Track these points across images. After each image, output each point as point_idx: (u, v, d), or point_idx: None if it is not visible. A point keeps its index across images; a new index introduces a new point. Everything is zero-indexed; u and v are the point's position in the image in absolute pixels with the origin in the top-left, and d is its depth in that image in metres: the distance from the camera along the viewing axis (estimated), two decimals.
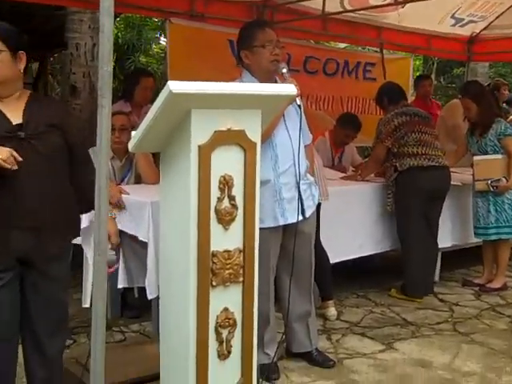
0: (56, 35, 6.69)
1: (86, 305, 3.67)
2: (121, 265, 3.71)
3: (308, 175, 3.31)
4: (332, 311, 4.25)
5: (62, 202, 2.43)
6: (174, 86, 2.16)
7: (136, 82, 4.96)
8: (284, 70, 3.06)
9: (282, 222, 3.17)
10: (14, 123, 2.36)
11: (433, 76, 12.02)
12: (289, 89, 2.54)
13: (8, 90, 2.38)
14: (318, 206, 3.61)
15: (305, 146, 3.31)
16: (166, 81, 5.77)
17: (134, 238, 3.62)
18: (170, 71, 5.44)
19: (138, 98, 4.97)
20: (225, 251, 2.42)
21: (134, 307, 4.08)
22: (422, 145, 4.66)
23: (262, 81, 3.11)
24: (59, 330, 2.53)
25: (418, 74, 10.44)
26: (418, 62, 10.98)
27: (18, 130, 2.35)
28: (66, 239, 2.53)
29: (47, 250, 2.39)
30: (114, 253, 2.57)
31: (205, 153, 2.31)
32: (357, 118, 5.53)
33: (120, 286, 3.73)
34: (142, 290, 3.69)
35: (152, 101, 5.05)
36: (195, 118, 2.27)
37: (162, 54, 9.93)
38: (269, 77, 3.12)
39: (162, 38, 10.57)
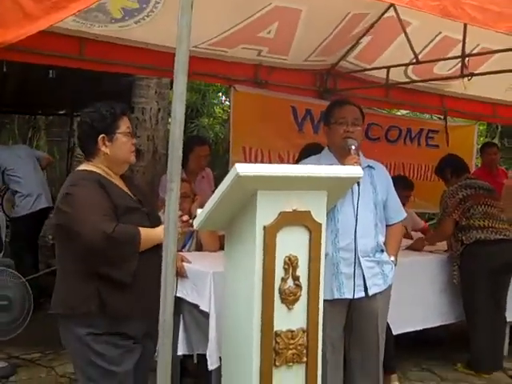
0: (123, 98, 6.94)
1: None
2: (181, 332, 3.72)
3: (384, 254, 3.27)
4: None
5: None
6: (241, 168, 2.20)
7: (190, 150, 4.94)
8: (352, 147, 3.08)
9: (337, 296, 3.15)
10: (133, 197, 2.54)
11: (496, 139, 11.84)
12: (355, 171, 2.56)
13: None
14: None
15: (390, 225, 3.32)
16: (229, 144, 5.88)
17: (194, 306, 3.63)
18: (233, 136, 5.54)
19: (193, 165, 4.98)
20: (288, 331, 2.42)
21: (193, 374, 4.06)
22: (489, 218, 4.58)
23: (338, 156, 3.18)
24: None
25: (481, 138, 10.29)
26: (481, 127, 10.82)
27: (140, 204, 2.50)
28: None
29: None
30: None
31: (270, 233, 2.33)
32: (406, 177, 5.48)
33: (180, 353, 3.73)
34: (202, 356, 3.67)
35: (208, 165, 5.22)
36: (261, 200, 2.31)
37: (225, 116, 10.13)
38: (342, 154, 3.15)
39: (225, 100, 10.81)
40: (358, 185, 3.00)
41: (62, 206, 2.43)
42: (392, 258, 3.34)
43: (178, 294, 3.23)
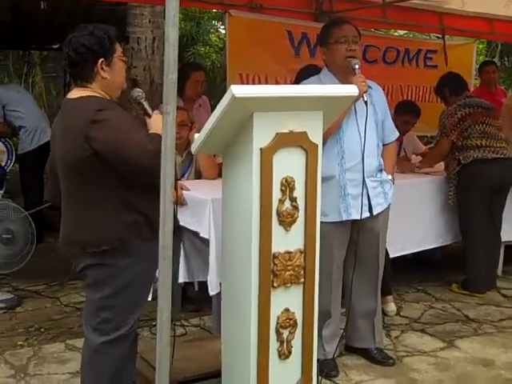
0: (117, 29, 6.81)
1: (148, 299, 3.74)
2: (182, 260, 3.77)
3: (383, 173, 3.29)
4: (391, 306, 4.22)
5: None
6: (237, 90, 2.17)
7: (186, 76, 4.85)
8: (356, 66, 3.04)
9: (345, 218, 3.17)
10: None
11: (496, 58, 11.67)
12: (351, 89, 2.52)
13: None
14: None
15: (385, 144, 3.32)
16: (225, 72, 5.81)
17: (194, 234, 3.67)
18: (230, 63, 5.48)
19: (189, 92, 4.90)
20: (286, 252, 2.44)
21: (194, 301, 4.14)
22: (487, 137, 4.54)
23: (339, 77, 3.13)
24: None
25: (481, 57, 10.14)
26: (480, 46, 10.64)
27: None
28: None
29: None
30: None
31: (267, 155, 2.32)
32: (415, 104, 5.41)
33: (181, 280, 3.79)
34: (202, 283, 3.74)
35: (205, 93, 5.16)
36: (257, 121, 2.29)
37: (221, 44, 9.96)
38: (345, 73, 3.10)
39: (220, 27, 10.60)
40: (366, 104, 2.97)
41: (98, 133, 2.30)
42: (390, 177, 3.36)
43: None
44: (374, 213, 3.23)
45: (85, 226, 2.41)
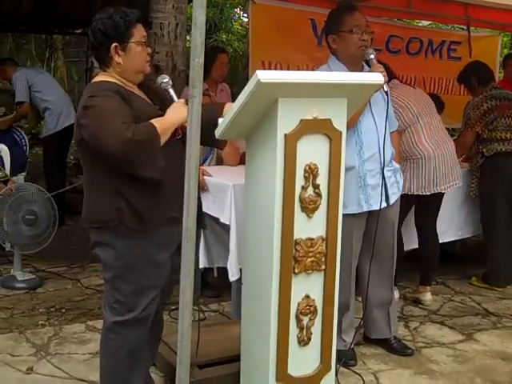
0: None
1: None
2: (202, 245, 3.78)
3: (393, 162, 3.28)
4: (428, 296, 4.24)
5: None
6: (263, 75, 2.17)
7: (213, 59, 4.95)
8: (372, 56, 3.01)
9: (365, 209, 3.16)
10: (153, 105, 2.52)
11: None
12: (376, 77, 2.52)
13: None
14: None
15: (390, 133, 3.28)
16: (248, 60, 5.80)
17: (215, 220, 3.68)
18: (252, 51, 5.49)
19: (215, 74, 4.99)
20: (308, 239, 2.45)
21: (214, 287, 4.17)
22: (511, 130, 4.50)
23: (348, 66, 3.09)
24: None
25: (505, 50, 9.99)
26: (505, 39, 10.49)
27: (161, 111, 2.46)
28: None
29: None
30: None
31: (291, 141, 2.32)
32: (439, 98, 5.34)
33: (201, 266, 3.81)
34: (222, 269, 3.76)
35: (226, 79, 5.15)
36: (282, 107, 2.29)
37: (243, 32, 9.94)
38: (356, 63, 3.08)
39: (243, 15, 10.58)
40: (387, 94, 2.95)
41: (83, 120, 2.38)
42: (398, 166, 3.36)
43: None
44: (391, 202, 3.23)
45: (85, 203, 2.50)
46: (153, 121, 2.35)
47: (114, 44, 2.42)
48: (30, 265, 4.69)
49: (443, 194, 4.16)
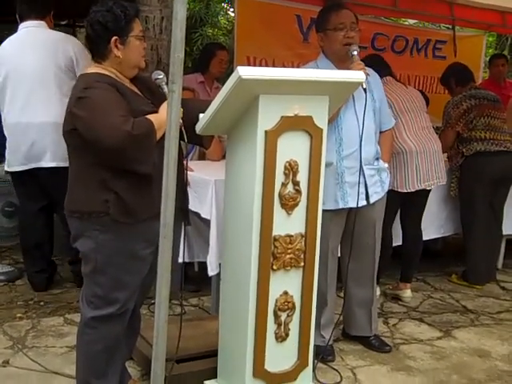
0: None
1: None
2: (182, 240, 3.77)
3: (379, 161, 3.27)
4: (408, 293, 4.27)
5: None
6: (244, 71, 2.17)
7: (212, 54, 5.09)
8: (354, 53, 3.01)
9: (341, 206, 3.15)
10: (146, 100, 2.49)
11: (506, 52, 11.56)
12: (357, 75, 2.52)
13: None
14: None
15: (382, 132, 3.30)
16: (233, 55, 5.78)
17: (195, 214, 3.68)
18: (237, 45, 5.45)
19: (214, 70, 5.11)
20: (287, 236, 2.46)
21: (194, 281, 4.16)
22: (491, 129, 4.53)
23: (336, 64, 3.10)
24: None
25: (490, 50, 10.05)
26: (490, 39, 10.56)
27: (153, 105, 2.44)
28: None
29: None
30: None
31: (271, 138, 2.33)
32: (423, 94, 5.38)
33: (180, 260, 3.79)
34: (202, 264, 3.76)
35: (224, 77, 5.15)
36: (263, 104, 2.29)
37: (229, 27, 9.90)
38: (342, 60, 3.08)
39: (230, 10, 10.54)
40: (365, 91, 2.95)
41: (77, 110, 2.33)
42: (386, 165, 3.35)
43: None
44: (371, 201, 3.22)
45: (68, 192, 2.47)
46: (149, 116, 2.35)
47: (114, 37, 2.40)
48: (10, 257, 4.66)
49: (429, 191, 4.18)
